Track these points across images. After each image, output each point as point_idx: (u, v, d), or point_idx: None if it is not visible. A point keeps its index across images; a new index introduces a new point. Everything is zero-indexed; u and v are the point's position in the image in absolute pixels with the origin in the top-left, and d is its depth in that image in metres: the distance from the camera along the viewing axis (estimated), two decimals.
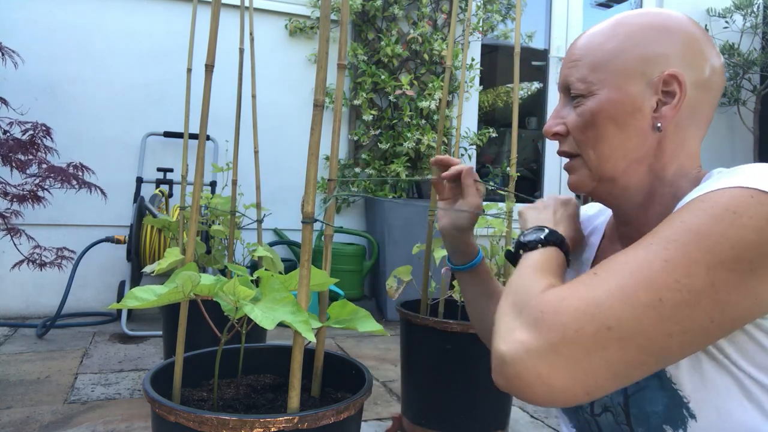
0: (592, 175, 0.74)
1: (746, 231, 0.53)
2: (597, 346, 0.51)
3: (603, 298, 0.52)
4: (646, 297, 0.52)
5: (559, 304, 0.53)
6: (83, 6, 2.93)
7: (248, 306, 0.79)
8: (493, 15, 3.50)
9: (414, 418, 1.56)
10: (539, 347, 0.52)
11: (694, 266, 0.53)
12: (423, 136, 3.19)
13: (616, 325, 0.51)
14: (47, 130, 2.11)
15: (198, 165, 0.90)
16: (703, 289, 0.52)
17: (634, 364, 0.53)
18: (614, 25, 0.74)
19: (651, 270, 0.53)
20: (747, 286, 0.54)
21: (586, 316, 0.52)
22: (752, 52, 3.87)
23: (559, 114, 0.77)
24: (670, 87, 0.69)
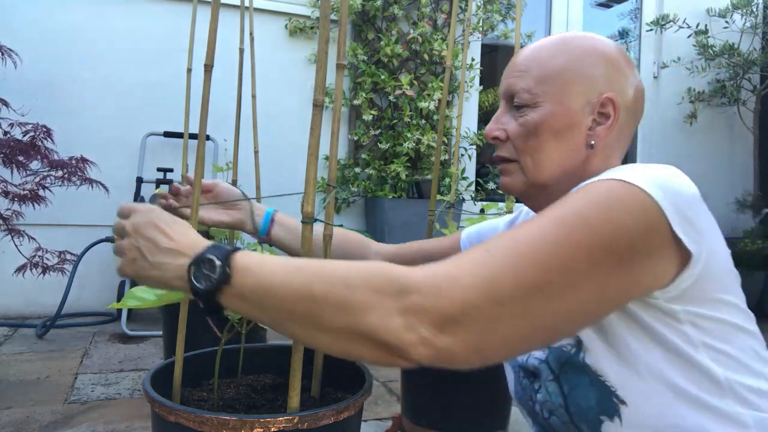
0: (527, 180, 0.79)
1: (622, 216, 0.58)
2: (491, 320, 0.54)
3: (497, 277, 0.55)
4: (536, 278, 0.55)
5: (457, 281, 0.55)
6: (83, 6, 2.93)
7: None
8: (493, 15, 3.50)
9: (414, 418, 1.56)
10: (440, 320, 0.53)
11: (578, 249, 0.56)
12: (423, 136, 3.19)
13: (509, 303, 0.54)
14: (48, 132, 2.11)
15: (198, 165, 0.90)
16: (587, 270, 0.56)
17: (524, 338, 0.56)
18: (560, 43, 0.79)
19: (541, 252, 0.56)
20: (624, 269, 0.58)
21: (481, 292, 0.54)
22: (752, 52, 3.87)
23: (499, 120, 0.80)
24: (606, 109, 0.76)
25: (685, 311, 0.64)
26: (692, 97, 4.07)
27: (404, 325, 0.53)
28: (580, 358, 0.72)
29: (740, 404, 0.65)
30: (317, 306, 0.56)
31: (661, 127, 4.16)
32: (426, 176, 3.28)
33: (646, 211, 0.59)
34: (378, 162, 3.24)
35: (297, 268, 0.58)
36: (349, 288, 0.55)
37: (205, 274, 0.60)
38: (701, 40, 3.92)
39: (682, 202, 0.62)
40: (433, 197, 1.66)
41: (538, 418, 0.83)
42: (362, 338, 0.55)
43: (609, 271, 0.57)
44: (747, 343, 0.68)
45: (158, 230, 0.66)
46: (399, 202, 3.15)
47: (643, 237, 0.59)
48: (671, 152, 4.16)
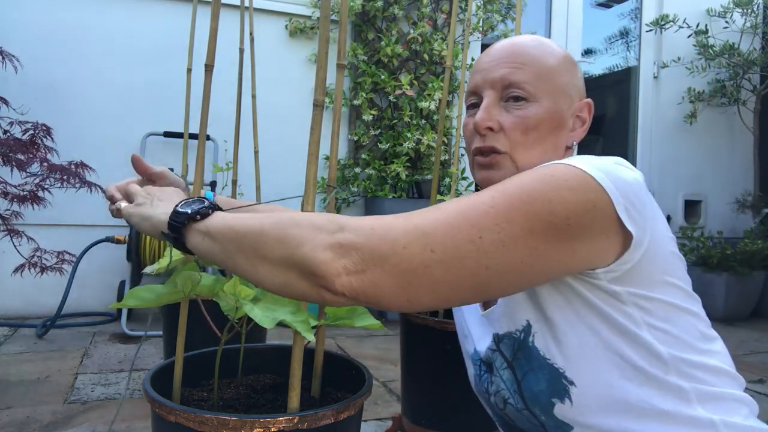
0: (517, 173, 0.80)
1: (562, 191, 0.61)
2: (421, 264, 0.58)
3: (430, 227, 0.59)
4: (467, 232, 0.59)
5: (391, 225, 0.59)
6: (83, 6, 2.93)
7: (248, 305, 0.79)
8: (493, 15, 3.50)
9: (414, 418, 1.56)
10: (369, 254, 0.57)
11: (515, 213, 0.60)
12: (423, 136, 3.18)
13: (439, 250, 0.58)
14: (47, 130, 2.11)
15: (198, 165, 0.90)
16: (520, 234, 0.60)
17: (452, 287, 0.60)
18: (545, 45, 0.82)
19: (476, 211, 0.60)
20: (561, 241, 0.61)
21: (413, 237, 0.58)
22: (752, 52, 3.87)
23: (490, 110, 0.80)
24: (582, 113, 0.82)
25: (628, 292, 0.67)
26: (692, 97, 4.07)
27: (332, 256, 0.58)
28: (529, 342, 0.75)
29: (683, 379, 0.68)
30: (262, 238, 0.62)
31: (661, 127, 4.16)
32: (426, 176, 3.28)
33: (589, 190, 0.62)
34: (378, 162, 3.24)
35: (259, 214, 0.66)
36: (293, 224, 0.61)
37: (191, 205, 0.70)
38: (701, 40, 3.92)
39: (626, 187, 0.64)
40: (433, 197, 1.66)
41: (495, 409, 0.85)
42: (295, 268, 0.60)
43: (544, 239, 0.60)
44: (690, 323, 0.71)
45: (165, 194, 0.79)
46: (399, 202, 3.15)
47: (582, 213, 0.61)
48: (671, 152, 4.16)
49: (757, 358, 2.65)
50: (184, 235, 0.69)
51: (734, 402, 0.70)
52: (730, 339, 3.00)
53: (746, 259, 3.44)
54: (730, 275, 3.39)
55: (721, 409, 0.69)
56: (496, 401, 0.83)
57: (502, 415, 0.84)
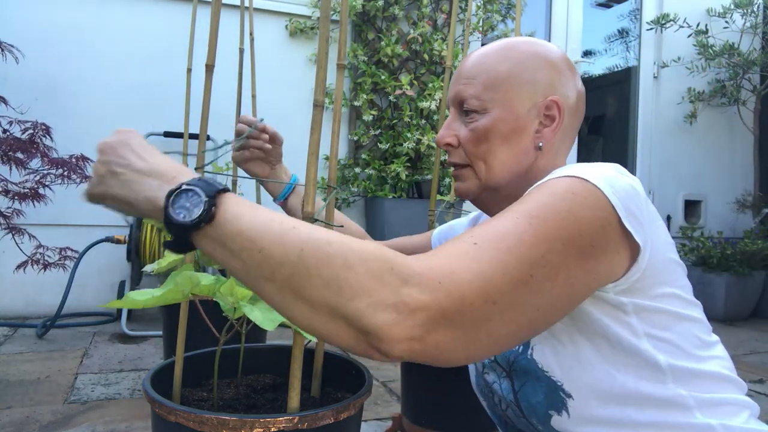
0: (480, 184, 0.81)
1: (584, 209, 0.60)
2: (483, 318, 0.53)
3: (489, 273, 0.54)
4: (521, 273, 0.55)
5: (455, 276, 0.53)
6: (83, 6, 2.93)
7: (247, 307, 0.79)
8: (493, 15, 3.50)
9: (414, 418, 1.56)
10: (435, 316, 0.51)
11: (554, 241, 0.57)
12: (423, 136, 3.18)
13: (500, 300, 0.54)
14: (47, 129, 2.11)
15: (198, 164, 0.90)
16: (560, 263, 0.57)
17: (510, 335, 0.56)
18: (505, 49, 0.81)
19: (524, 245, 0.56)
20: (588, 262, 0.60)
21: (477, 289, 0.53)
22: (752, 52, 3.87)
23: (450, 126, 0.83)
24: (551, 111, 0.79)
25: (632, 303, 0.67)
26: (692, 96, 4.07)
27: (396, 319, 0.50)
28: (528, 355, 0.75)
29: (683, 387, 0.68)
30: (305, 274, 0.51)
31: (661, 126, 4.16)
32: (426, 176, 3.28)
33: (602, 207, 0.61)
34: (378, 162, 3.24)
35: (292, 227, 0.54)
36: (345, 266, 0.51)
37: (185, 206, 0.55)
38: (701, 40, 3.92)
39: (628, 198, 0.64)
40: (433, 197, 1.66)
41: (497, 410, 0.86)
42: (343, 320, 0.51)
43: (576, 265, 0.59)
44: (690, 331, 0.70)
45: (132, 151, 0.61)
46: (399, 202, 3.15)
47: (600, 231, 0.61)
48: (671, 152, 4.16)
49: (757, 358, 2.65)
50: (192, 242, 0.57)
51: (733, 406, 0.70)
52: (730, 339, 3.00)
53: (746, 259, 3.44)
54: (730, 275, 3.39)
55: (719, 413, 0.69)
56: (500, 403, 0.84)
57: (503, 416, 0.85)
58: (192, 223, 0.54)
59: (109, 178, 0.60)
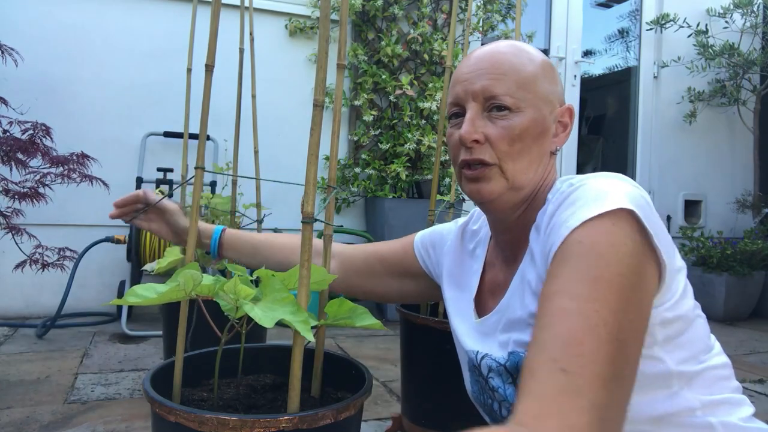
0: (507, 184, 0.79)
1: (628, 258, 0.62)
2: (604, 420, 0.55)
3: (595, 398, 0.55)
4: (615, 369, 0.57)
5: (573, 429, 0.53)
6: (83, 6, 2.93)
7: (248, 305, 0.79)
8: (493, 15, 3.50)
9: (414, 418, 1.56)
10: None
11: (621, 315, 0.59)
12: (423, 136, 3.18)
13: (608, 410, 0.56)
14: (47, 130, 2.11)
15: (198, 164, 0.90)
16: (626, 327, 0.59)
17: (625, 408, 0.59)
18: (524, 52, 0.81)
19: (605, 342, 0.57)
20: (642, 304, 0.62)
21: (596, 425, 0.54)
22: (752, 52, 3.87)
23: (475, 122, 0.79)
24: (564, 118, 0.82)
25: (657, 314, 0.67)
26: (692, 96, 4.07)
27: None
28: None
29: (687, 389, 0.69)
30: None
31: (661, 126, 4.16)
32: (426, 176, 3.28)
33: (634, 234, 0.63)
34: (378, 162, 3.24)
35: None
36: None
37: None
38: (701, 40, 3.92)
39: (650, 213, 0.65)
40: (433, 197, 1.66)
41: (495, 416, 0.86)
42: None
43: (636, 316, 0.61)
44: (698, 334, 0.72)
45: None
46: (399, 202, 3.15)
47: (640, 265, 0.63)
48: (671, 152, 4.16)
49: (757, 358, 2.65)
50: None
51: (731, 404, 0.71)
52: (730, 339, 3.00)
53: (746, 259, 3.44)
54: (730, 275, 3.39)
55: (719, 412, 0.70)
56: (500, 409, 0.83)
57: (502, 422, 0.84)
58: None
59: None
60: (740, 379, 2.26)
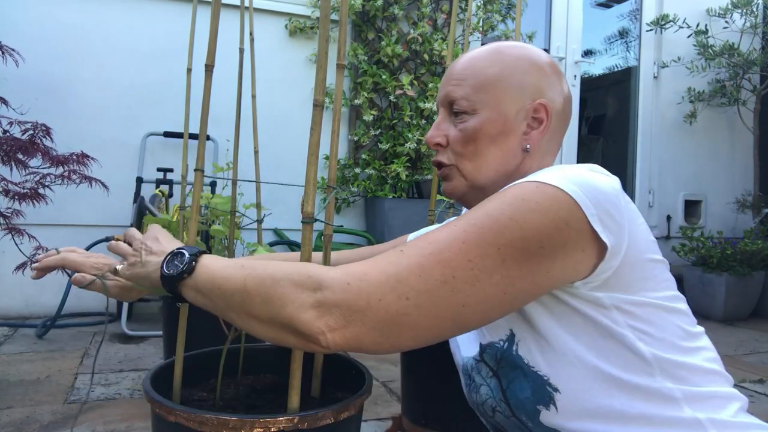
0: (467, 183, 0.83)
1: (533, 214, 0.63)
2: (398, 313, 0.60)
3: (404, 274, 0.61)
4: (441, 274, 0.60)
5: (364, 277, 0.61)
6: (83, 6, 2.93)
7: None
8: (493, 15, 3.50)
9: (414, 418, 1.56)
10: (347, 312, 0.60)
11: (487, 247, 0.61)
12: (423, 136, 3.18)
13: (414, 296, 0.60)
14: (47, 130, 2.11)
15: (198, 165, 0.90)
16: (494, 266, 0.61)
17: (432, 329, 0.62)
18: (494, 53, 0.83)
19: (450, 251, 0.61)
20: (536, 263, 0.63)
21: (387, 288, 0.60)
22: (752, 52, 3.87)
23: (439, 127, 0.85)
24: (539, 114, 0.81)
25: (609, 297, 0.68)
26: (692, 96, 4.07)
27: (315, 316, 0.60)
28: (513, 351, 0.76)
29: (669, 380, 0.68)
30: (248, 298, 0.65)
31: (661, 126, 4.16)
32: (426, 176, 3.28)
33: (559, 207, 0.63)
34: (378, 162, 3.24)
35: (241, 266, 0.68)
36: (274, 283, 0.63)
37: (174, 264, 0.72)
38: (701, 40, 3.92)
39: (600, 196, 0.65)
40: (433, 197, 1.66)
41: (486, 417, 0.86)
42: (284, 327, 0.63)
43: (518, 266, 0.62)
44: (673, 323, 0.71)
45: (156, 240, 0.79)
46: (399, 202, 3.15)
47: (555, 233, 0.63)
48: (671, 152, 4.16)
49: (757, 358, 2.65)
50: (180, 294, 0.72)
51: (721, 399, 0.70)
52: (730, 339, 3.00)
53: (746, 259, 3.44)
54: (730, 275, 3.38)
55: (707, 407, 0.69)
56: (485, 410, 0.84)
57: (494, 423, 0.85)
58: (177, 274, 0.71)
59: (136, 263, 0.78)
60: (740, 379, 2.26)
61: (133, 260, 0.79)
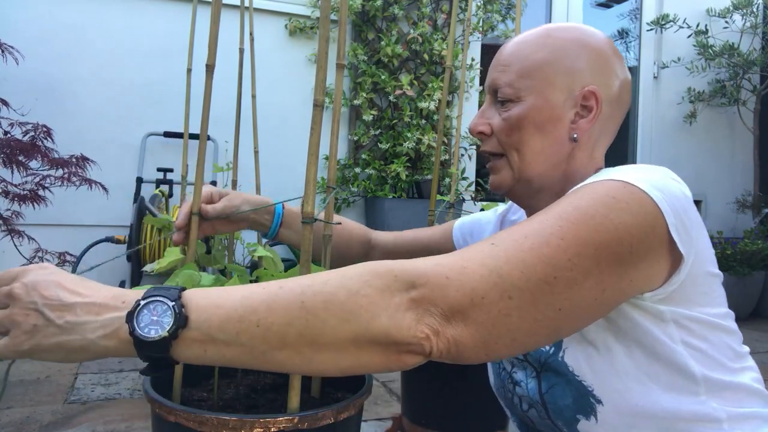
0: (514, 175, 0.78)
1: (625, 215, 0.58)
2: (500, 313, 0.53)
3: (505, 269, 0.53)
4: (543, 273, 0.54)
5: (465, 270, 0.53)
6: (83, 6, 2.93)
7: None
8: (493, 15, 3.50)
9: (414, 418, 1.56)
10: (449, 310, 0.52)
11: (584, 246, 0.56)
12: (423, 136, 3.18)
13: (517, 296, 0.53)
14: (48, 131, 2.11)
15: (198, 165, 0.90)
16: (590, 268, 0.56)
17: (530, 333, 0.55)
18: (542, 36, 0.78)
19: (549, 247, 0.55)
20: (624, 269, 0.58)
21: (491, 283, 0.53)
22: (752, 52, 3.87)
23: (484, 114, 0.80)
24: (589, 102, 0.75)
25: (670, 311, 0.65)
26: (692, 97, 4.07)
27: (414, 318, 0.51)
28: (559, 358, 0.73)
29: (715, 400, 0.66)
30: (316, 322, 0.50)
31: (661, 126, 4.16)
32: (426, 176, 3.28)
33: (647, 212, 0.59)
34: (378, 162, 3.24)
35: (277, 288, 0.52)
36: (351, 294, 0.51)
37: (153, 320, 0.50)
38: (701, 40, 3.92)
39: (678, 204, 0.62)
40: (433, 197, 1.66)
41: (516, 410, 0.84)
42: (372, 344, 0.51)
43: (610, 271, 0.57)
44: (725, 342, 0.69)
45: (62, 287, 0.53)
46: (399, 202, 3.15)
47: (642, 238, 0.59)
48: (671, 152, 4.16)
49: (757, 358, 2.64)
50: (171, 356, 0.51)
51: (759, 419, 0.69)
52: None
53: (746, 259, 3.44)
54: (730, 275, 3.38)
55: (746, 426, 0.67)
56: (520, 403, 0.82)
57: (523, 417, 0.83)
58: (169, 334, 0.49)
59: (43, 327, 0.51)
60: None
61: (32, 323, 0.51)
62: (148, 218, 2.08)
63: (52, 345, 0.51)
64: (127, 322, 0.50)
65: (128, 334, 0.50)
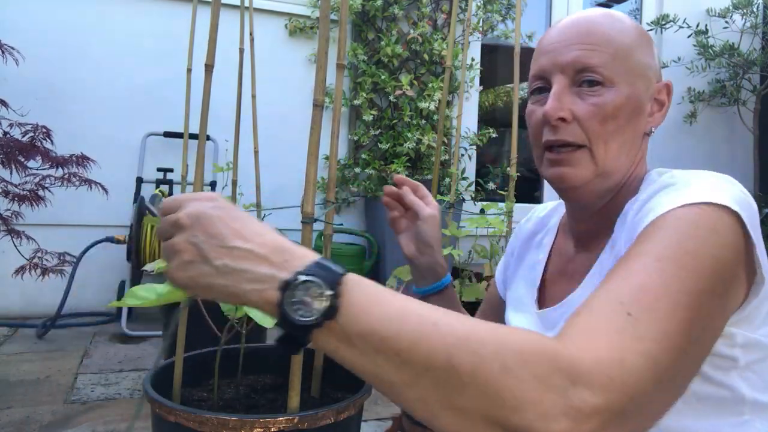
0: (596, 170, 0.69)
1: (726, 250, 0.54)
2: (653, 401, 0.46)
3: (656, 352, 0.46)
4: (684, 342, 0.48)
5: (625, 366, 0.45)
6: (83, 6, 2.93)
7: None
8: (493, 15, 3.50)
9: (414, 418, 1.56)
10: (612, 417, 0.44)
11: (704, 297, 0.51)
12: (423, 136, 3.18)
13: (667, 379, 0.47)
14: (47, 132, 2.11)
15: (198, 165, 0.90)
16: (708, 315, 0.51)
17: (668, 408, 0.50)
18: (619, 21, 0.71)
19: (681, 309, 0.49)
20: (724, 307, 0.54)
21: (649, 376, 0.46)
22: (752, 52, 3.87)
23: (561, 98, 0.69)
24: (661, 96, 0.72)
25: (741, 334, 0.60)
26: (692, 97, 4.07)
27: (569, 427, 0.42)
28: None
29: (759, 420, 0.63)
30: (456, 383, 0.43)
31: (661, 126, 4.12)
32: (426, 176, 3.28)
33: (737, 237, 0.55)
34: (378, 162, 3.24)
35: (432, 324, 0.45)
36: (504, 371, 0.43)
37: (304, 300, 0.46)
38: (701, 40, 3.92)
39: (755, 221, 0.57)
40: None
41: None
42: (495, 427, 0.43)
43: (717, 311, 0.53)
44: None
45: (227, 225, 0.49)
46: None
47: (735, 266, 0.55)
48: (671, 152, 4.16)
49: None
50: (309, 340, 0.48)
51: None
52: None
53: None
54: None
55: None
56: None
57: None
58: (314, 323, 0.45)
59: (199, 264, 0.49)
60: None
61: (190, 258, 0.50)
62: (148, 218, 2.08)
63: (206, 285, 0.49)
64: (279, 290, 0.46)
65: (276, 300, 0.46)
